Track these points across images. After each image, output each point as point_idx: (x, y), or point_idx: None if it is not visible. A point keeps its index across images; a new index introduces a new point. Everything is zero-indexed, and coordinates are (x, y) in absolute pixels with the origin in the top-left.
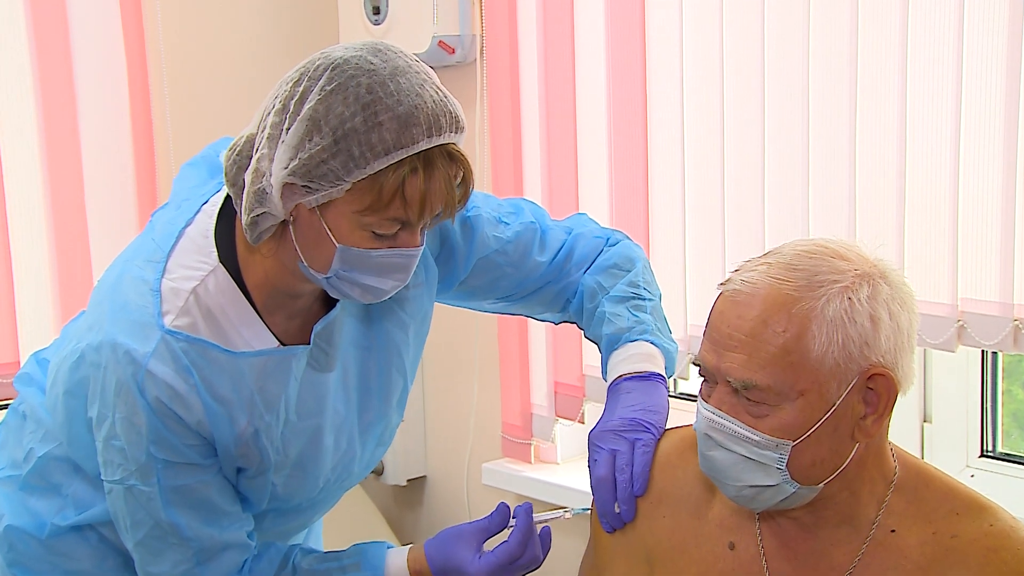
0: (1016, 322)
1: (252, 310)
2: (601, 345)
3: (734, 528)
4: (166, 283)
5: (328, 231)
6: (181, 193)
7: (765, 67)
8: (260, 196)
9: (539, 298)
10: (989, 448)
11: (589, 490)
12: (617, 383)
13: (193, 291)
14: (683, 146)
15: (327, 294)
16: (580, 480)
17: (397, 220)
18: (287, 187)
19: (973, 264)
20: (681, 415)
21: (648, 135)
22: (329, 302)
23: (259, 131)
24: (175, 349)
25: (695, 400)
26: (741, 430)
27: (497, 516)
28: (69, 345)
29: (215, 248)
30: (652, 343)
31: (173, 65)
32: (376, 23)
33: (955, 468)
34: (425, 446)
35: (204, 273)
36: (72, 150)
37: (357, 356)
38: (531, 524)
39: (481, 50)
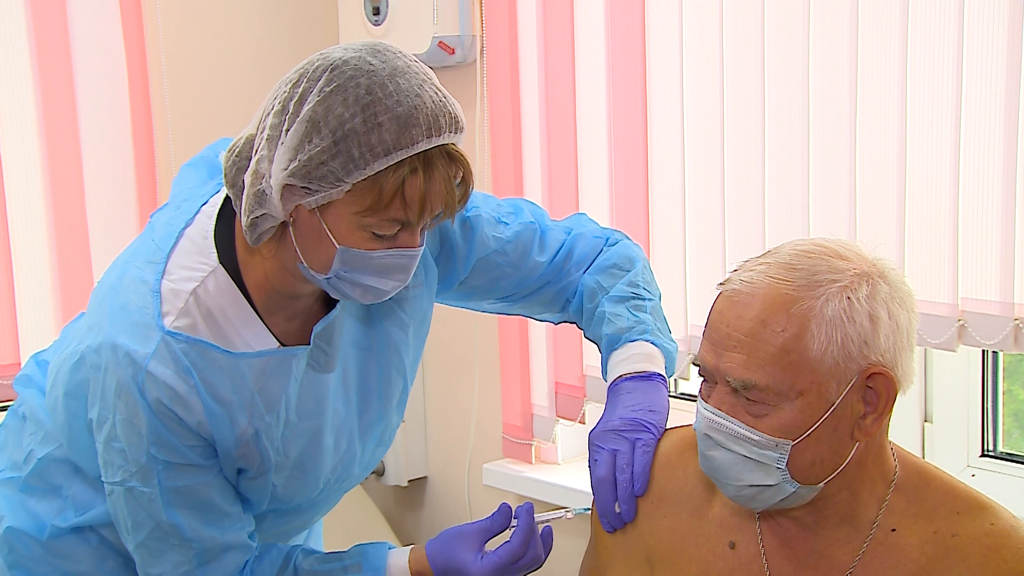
0: (1017, 321)
1: (252, 311)
2: (601, 345)
3: (734, 527)
4: (166, 284)
5: (328, 232)
6: (180, 194)
7: (765, 67)
8: (260, 197)
9: (539, 298)
10: (990, 448)
11: (590, 490)
12: (617, 383)
13: (193, 292)
14: (683, 146)
15: (327, 295)
16: (581, 480)
17: (397, 221)
18: (287, 188)
19: (973, 263)
20: (681, 415)
21: (648, 135)
22: (329, 303)
23: (258, 132)
24: (175, 350)
25: (695, 400)
26: (741, 430)
27: (499, 516)
28: (69, 347)
29: (215, 249)
30: (652, 343)
31: (173, 65)
32: (376, 23)
33: (956, 468)
34: (426, 447)
35: (204, 274)
36: (72, 151)
37: (357, 356)
38: (533, 524)
39: (481, 50)
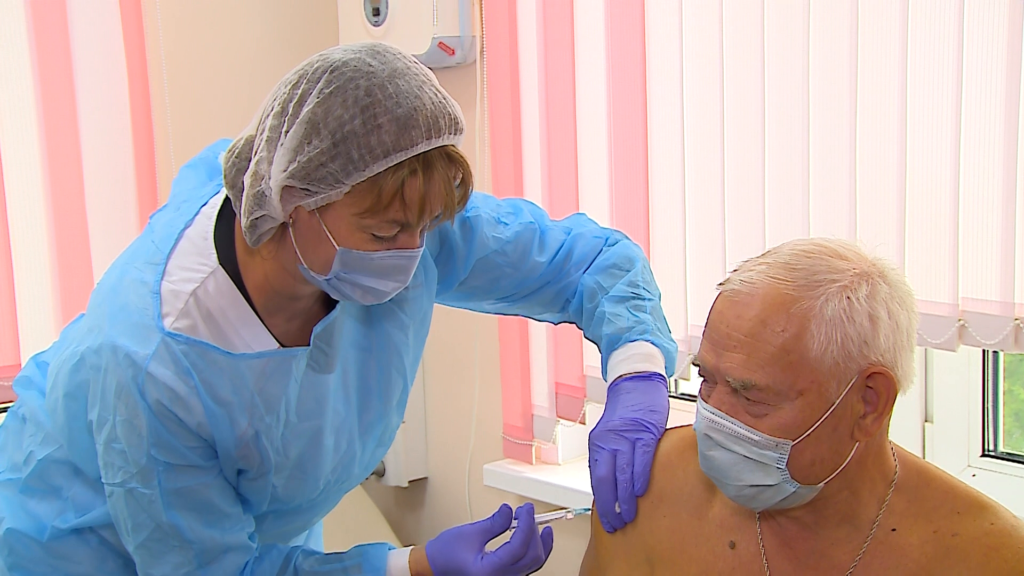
0: (1017, 321)
1: (252, 312)
2: (601, 345)
3: (734, 527)
4: (166, 285)
5: (328, 233)
6: (180, 195)
7: (765, 67)
8: (259, 198)
9: (538, 298)
10: (990, 448)
11: (590, 490)
12: (617, 383)
13: (193, 293)
14: (683, 146)
15: (327, 296)
16: (581, 480)
17: (396, 222)
18: (286, 190)
19: (974, 263)
20: (681, 415)
21: (648, 135)
22: (329, 303)
23: (258, 133)
24: (175, 351)
25: (695, 400)
26: (741, 430)
27: (499, 517)
28: (69, 348)
29: (214, 250)
30: (652, 343)
31: (173, 65)
32: (376, 24)
33: (956, 468)
34: (426, 447)
35: (204, 275)
36: (72, 151)
37: (357, 357)
38: (533, 525)
39: (481, 51)
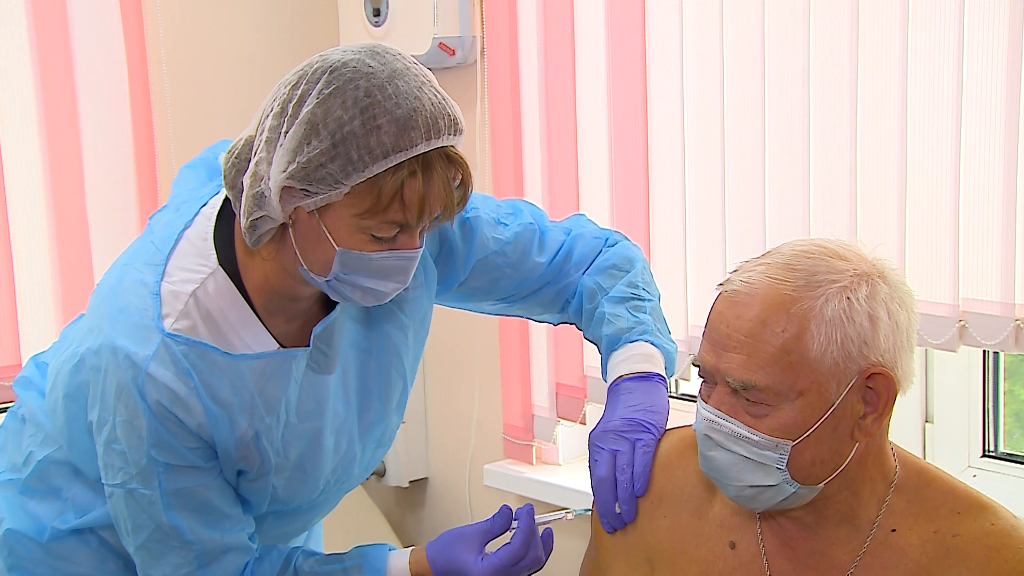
0: (1017, 322)
1: (252, 312)
2: (601, 346)
3: (735, 527)
4: (166, 286)
5: (327, 234)
6: (180, 195)
7: (765, 67)
8: (259, 199)
9: (538, 299)
10: (991, 448)
11: (590, 490)
12: (617, 383)
13: (193, 294)
14: (683, 146)
15: (327, 296)
16: (581, 481)
17: (396, 223)
18: (286, 191)
19: (974, 264)
20: (681, 415)
21: (648, 135)
22: (329, 304)
23: (257, 134)
24: (175, 352)
25: (695, 400)
26: (741, 430)
27: (499, 518)
28: (68, 348)
29: (214, 251)
30: (652, 343)
31: (173, 65)
32: (376, 24)
33: (957, 468)
34: (427, 448)
35: (203, 276)
36: (72, 150)
37: (357, 358)
38: (533, 525)
39: (481, 51)
